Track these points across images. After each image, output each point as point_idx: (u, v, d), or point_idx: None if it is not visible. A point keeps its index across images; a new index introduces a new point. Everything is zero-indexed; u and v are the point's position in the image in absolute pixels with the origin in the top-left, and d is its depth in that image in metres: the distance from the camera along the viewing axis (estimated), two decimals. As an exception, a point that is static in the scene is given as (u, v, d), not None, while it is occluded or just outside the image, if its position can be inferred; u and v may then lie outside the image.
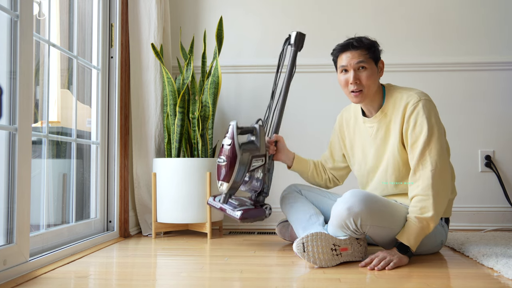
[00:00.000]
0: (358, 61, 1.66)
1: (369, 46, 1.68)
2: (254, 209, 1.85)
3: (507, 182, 2.52)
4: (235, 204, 1.85)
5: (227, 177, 1.76)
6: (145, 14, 2.33)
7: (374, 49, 1.69)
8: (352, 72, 1.67)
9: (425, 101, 1.62)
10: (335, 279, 1.36)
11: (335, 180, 2.01)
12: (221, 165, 1.77)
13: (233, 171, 1.76)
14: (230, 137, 1.78)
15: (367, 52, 1.67)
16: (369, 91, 1.68)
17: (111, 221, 2.18)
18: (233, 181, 1.77)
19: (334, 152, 1.98)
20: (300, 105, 2.60)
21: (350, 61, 1.67)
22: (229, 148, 1.76)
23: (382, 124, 1.71)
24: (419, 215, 1.54)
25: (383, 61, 1.74)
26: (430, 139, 1.57)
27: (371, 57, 1.67)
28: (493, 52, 2.56)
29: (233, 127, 1.78)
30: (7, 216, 1.38)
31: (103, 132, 2.17)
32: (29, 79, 1.45)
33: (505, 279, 1.37)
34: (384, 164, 1.71)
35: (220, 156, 1.78)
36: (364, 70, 1.67)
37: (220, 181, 1.79)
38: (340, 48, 1.71)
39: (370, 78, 1.66)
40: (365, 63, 1.66)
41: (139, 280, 1.38)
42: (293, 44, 2.02)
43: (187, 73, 2.32)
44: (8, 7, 1.41)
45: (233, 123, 1.80)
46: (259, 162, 1.85)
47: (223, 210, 1.87)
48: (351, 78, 1.67)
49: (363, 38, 1.69)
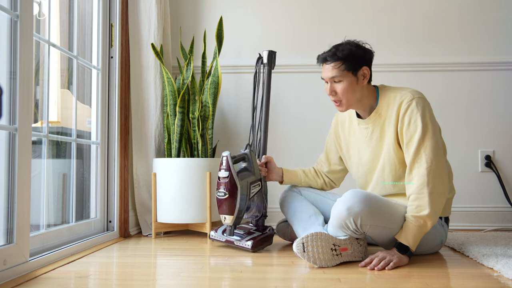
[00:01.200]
0: (331, 76, 1.67)
1: (345, 57, 1.65)
2: (262, 236, 1.85)
3: (507, 182, 2.52)
4: (241, 234, 1.85)
5: (230, 210, 1.75)
6: (145, 14, 2.33)
7: (353, 59, 1.66)
8: (329, 84, 1.69)
9: (419, 99, 1.62)
10: (335, 279, 1.36)
11: (331, 183, 2.01)
12: (223, 199, 1.75)
13: (236, 203, 1.75)
14: (226, 169, 1.76)
15: (342, 63, 1.65)
16: (348, 101, 1.69)
17: (111, 221, 2.18)
18: (237, 212, 1.76)
19: (330, 155, 1.98)
20: (300, 106, 2.60)
21: (326, 74, 1.69)
22: (227, 181, 1.74)
23: (377, 125, 1.71)
24: (415, 213, 1.54)
25: (368, 68, 1.69)
26: (425, 136, 1.57)
27: (347, 68, 1.65)
28: (493, 52, 2.56)
29: (227, 159, 1.76)
30: (7, 216, 1.38)
31: (103, 132, 2.17)
32: (29, 79, 1.45)
33: (505, 279, 1.37)
34: (380, 164, 1.72)
35: (219, 189, 1.76)
36: (339, 83, 1.67)
37: (224, 215, 1.77)
38: (318, 61, 1.73)
39: (347, 90, 1.66)
40: (339, 77, 1.66)
41: (139, 280, 1.38)
42: (267, 64, 2.05)
43: (187, 73, 2.32)
44: (8, 7, 1.41)
45: (226, 154, 1.78)
46: (257, 188, 1.86)
47: (230, 243, 1.86)
48: (328, 90, 1.70)
49: (339, 50, 1.66)
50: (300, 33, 2.63)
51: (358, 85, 1.68)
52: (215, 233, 1.93)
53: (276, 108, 2.60)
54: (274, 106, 2.60)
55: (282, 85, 2.61)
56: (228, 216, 1.76)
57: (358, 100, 1.70)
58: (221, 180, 1.76)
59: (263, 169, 1.93)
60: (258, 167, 1.89)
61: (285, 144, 2.59)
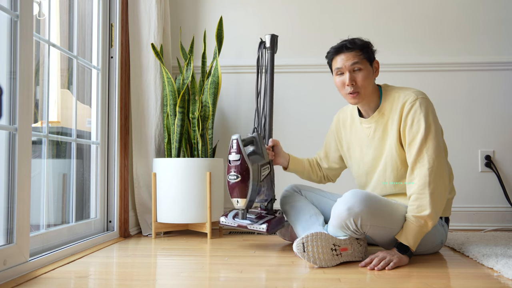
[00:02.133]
0: (352, 63, 1.66)
1: (363, 47, 1.67)
2: (275, 219, 1.84)
3: (507, 182, 2.52)
4: (252, 218, 1.84)
5: (243, 193, 1.74)
6: (145, 14, 2.33)
7: (368, 50, 1.69)
8: (347, 74, 1.67)
9: (422, 99, 1.62)
10: (335, 279, 1.36)
11: (329, 177, 2.03)
12: (235, 182, 1.74)
13: (249, 186, 1.74)
14: (237, 152, 1.74)
15: (361, 53, 1.67)
16: (365, 91, 1.68)
17: (111, 221, 2.18)
18: (250, 195, 1.75)
19: (329, 152, 1.98)
20: (300, 106, 2.60)
21: (345, 63, 1.67)
22: (239, 164, 1.73)
23: (380, 124, 1.71)
24: (416, 213, 1.54)
25: (378, 61, 1.74)
26: (427, 137, 1.58)
27: (365, 57, 1.67)
28: (493, 52, 2.56)
29: (238, 141, 1.75)
30: (7, 216, 1.38)
31: (103, 132, 2.17)
32: (29, 79, 1.45)
33: (505, 279, 1.37)
34: (382, 164, 1.71)
35: (230, 173, 1.75)
36: (359, 71, 1.67)
37: (236, 199, 1.76)
38: (334, 51, 1.71)
39: (366, 79, 1.67)
40: (360, 64, 1.66)
41: (139, 280, 1.38)
42: (269, 47, 2.04)
43: (187, 73, 2.32)
44: (8, 7, 1.41)
45: (236, 136, 1.76)
46: (266, 171, 1.85)
47: (243, 227, 1.84)
48: (347, 80, 1.67)
49: (356, 40, 1.69)
50: (300, 33, 2.63)
51: (372, 77, 1.70)
52: (226, 218, 1.89)
53: (276, 108, 2.60)
54: (274, 106, 2.60)
55: (282, 85, 2.61)
56: (241, 199, 1.75)
57: (370, 94, 1.70)
58: (232, 164, 1.75)
59: (270, 153, 1.92)
60: (266, 150, 1.89)
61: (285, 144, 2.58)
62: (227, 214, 1.92)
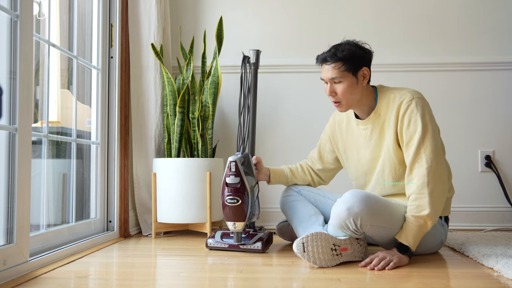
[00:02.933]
0: (331, 77, 1.66)
1: (345, 58, 1.64)
2: (266, 236, 1.84)
3: (507, 182, 2.52)
4: (243, 237, 1.82)
5: (242, 216, 1.72)
6: (145, 14, 2.33)
7: (353, 60, 1.64)
8: (328, 84, 1.68)
9: (418, 99, 1.62)
10: (335, 279, 1.36)
11: (320, 181, 2.00)
12: (235, 206, 1.70)
13: (248, 208, 1.72)
14: (236, 175, 1.71)
15: (342, 64, 1.64)
16: (347, 101, 1.68)
17: (111, 221, 2.18)
18: (247, 218, 1.74)
19: (324, 154, 1.97)
20: (299, 106, 2.60)
21: (325, 75, 1.68)
22: (239, 187, 1.71)
23: (376, 125, 1.71)
24: (416, 213, 1.54)
25: (367, 68, 1.69)
26: (425, 137, 1.57)
27: (347, 69, 1.64)
28: (493, 52, 2.56)
29: (237, 164, 1.72)
30: (7, 216, 1.38)
31: (103, 132, 2.17)
32: (29, 79, 1.45)
33: (505, 279, 1.37)
34: (380, 165, 1.71)
35: (230, 196, 1.71)
36: (339, 83, 1.66)
37: (234, 222, 1.73)
38: (317, 61, 1.72)
39: (346, 91, 1.66)
40: (339, 78, 1.65)
41: (139, 280, 1.38)
42: (253, 64, 2.02)
43: (187, 73, 2.32)
44: (8, 7, 1.41)
45: (235, 158, 1.73)
46: (257, 190, 1.85)
47: (234, 247, 1.80)
48: (327, 91, 1.69)
49: (339, 50, 1.65)
50: (300, 33, 2.63)
51: (358, 86, 1.67)
52: (213, 239, 1.85)
53: (275, 108, 2.60)
54: (273, 106, 2.61)
55: (282, 85, 2.61)
56: (239, 222, 1.73)
57: (358, 101, 1.70)
58: (231, 186, 1.72)
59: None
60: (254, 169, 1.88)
61: (285, 144, 2.59)
62: (213, 235, 1.87)
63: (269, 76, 2.61)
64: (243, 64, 2.01)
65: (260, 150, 2.56)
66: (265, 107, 2.60)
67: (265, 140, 2.60)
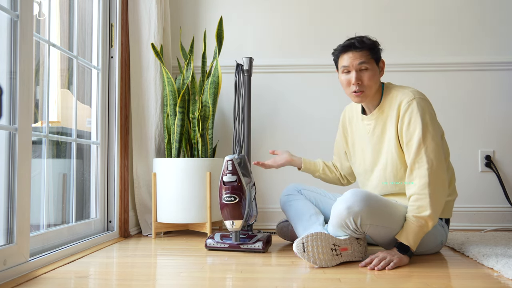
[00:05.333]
0: (360, 62, 1.65)
1: (371, 46, 1.67)
2: (266, 237, 1.86)
3: (507, 182, 2.52)
4: (243, 238, 1.83)
5: (240, 215, 1.74)
6: (145, 14, 2.33)
7: (376, 49, 1.69)
8: (354, 72, 1.66)
9: (420, 99, 1.62)
10: (335, 279, 1.36)
11: (347, 177, 2.02)
12: (232, 204, 1.73)
13: (245, 207, 1.74)
14: (233, 173, 1.74)
15: (369, 52, 1.66)
16: (370, 91, 1.68)
17: (111, 221, 2.18)
18: (245, 216, 1.75)
19: (339, 151, 1.99)
20: (301, 105, 2.60)
21: (352, 62, 1.66)
22: (236, 185, 1.73)
23: (379, 122, 1.71)
24: (417, 214, 1.54)
25: (384, 61, 1.74)
26: (425, 137, 1.57)
27: (373, 57, 1.67)
28: (493, 52, 2.56)
29: (233, 163, 1.74)
30: (7, 216, 1.38)
31: (103, 132, 2.17)
32: (29, 79, 1.45)
33: (505, 279, 1.37)
34: (382, 162, 1.71)
35: (227, 194, 1.73)
36: (366, 71, 1.66)
37: (232, 220, 1.74)
38: (342, 49, 1.70)
39: (372, 79, 1.66)
40: (367, 63, 1.66)
41: (139, 280, 1.38)
42: (247, 71, 2.05)
43: (187, 73, 2.32)
44: (8, 7, 1.41)
45: (231, 157, 1.75)
46: (254, 191, 1.86)
47: (234, 247, 1.81)
48: (353, 79, 1.66)
49: (365, 39, 1.68)
50: (300, 33, 2.63)
51: (378, 76, 1.70)
52: (213, 240, 1.85)
53: (277, 108, 2.60)
54: (275, 106, 2.60)
55: (282, 85, 2.61)
56: (237, 221, 1.74)
57: (374, 93, 1.70)
58: (227, 185, 1.74)
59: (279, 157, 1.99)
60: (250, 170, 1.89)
61: (286, 144, 2.58)
62: (212, 236, 1.88)
63: (269, 76, 2.61)
64: (237, 72, 2.04)
65: (260, 150, 2.56)
66: (266, 107, 2.60)
67: (265, 140, 2.60)
